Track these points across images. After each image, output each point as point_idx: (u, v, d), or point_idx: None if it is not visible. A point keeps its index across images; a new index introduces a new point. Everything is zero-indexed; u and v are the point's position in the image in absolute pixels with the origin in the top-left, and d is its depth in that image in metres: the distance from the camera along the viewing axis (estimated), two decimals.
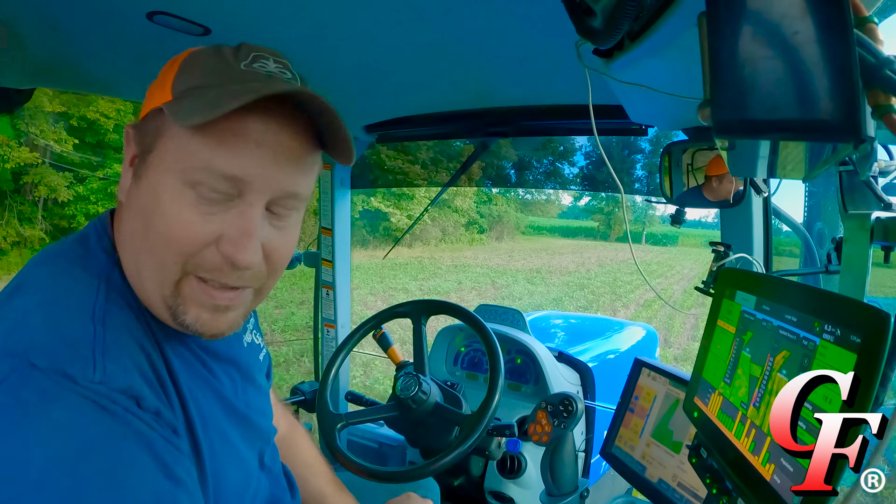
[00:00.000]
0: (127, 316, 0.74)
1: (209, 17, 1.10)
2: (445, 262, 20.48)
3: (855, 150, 0.51)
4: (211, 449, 0.80)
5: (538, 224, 47.92)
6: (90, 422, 0.62)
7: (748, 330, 0.82)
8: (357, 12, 1.09)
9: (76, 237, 0.80)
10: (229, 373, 0.91)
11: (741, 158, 0.78)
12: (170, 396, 0.75)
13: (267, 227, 0.76)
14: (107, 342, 0.68)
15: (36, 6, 1.07)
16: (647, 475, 1.32)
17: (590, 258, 27.00)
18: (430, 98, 1.71)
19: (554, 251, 30.36)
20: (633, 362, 1.48)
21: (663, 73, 0.83)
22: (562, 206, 56.28)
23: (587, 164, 24.64)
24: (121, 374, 0.67)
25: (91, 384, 0.64)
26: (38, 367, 0.63)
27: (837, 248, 1.05)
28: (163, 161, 0.73)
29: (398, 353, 1.79)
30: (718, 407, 0.86)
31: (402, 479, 1.43)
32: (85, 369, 0.65)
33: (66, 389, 0.63)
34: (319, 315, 2.38)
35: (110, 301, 0.73)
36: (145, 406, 0.68)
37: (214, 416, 0.83)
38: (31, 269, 0.77)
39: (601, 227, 47.72)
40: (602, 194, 50.77)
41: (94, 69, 1.43)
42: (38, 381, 0.62)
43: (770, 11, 0.49)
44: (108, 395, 0.65)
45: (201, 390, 0.82)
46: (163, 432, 0.69)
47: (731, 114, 0.51)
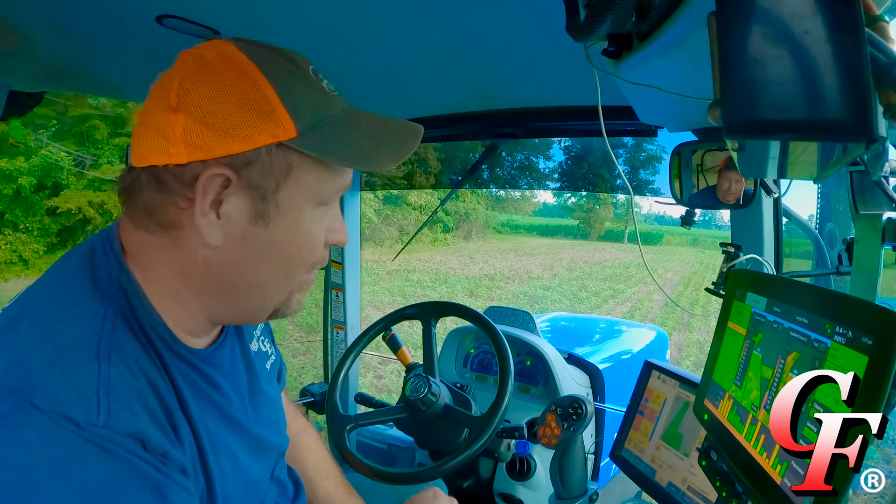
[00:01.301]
0: (134, 346, 0.71)
1: (218, 19, 1.11)
2: (390, 267, 17.19)
3: (866, 149, 0.50)
4: (221, 474, 0.79)
5: (514, 222, 45.89)
6: (94, 467, 0.61)
7: (759, 332, 0.81)
8: (365, 14, 1.09)
9: (80, 256, 0.76)
10: (236, 388, 0.89)
11: (751, 159, 0.78)
12: (179, 429, 0.72)
13: None
14: (111, 381, 0.65)
15: (46, 10, 1.07)
16: (656, 478, 1.32)
17: (562, 260, 25.23)
18: (439, 99, 1.71)
19: (524, 252, 28.20)
20: (642, 365, 1.47)
21: (672, 74, 0.83)
22: (537, 203, 53.48)
23: (565, 160, 22.42)
24: (126, 416, 0.64)
25: (95, 428, 0.62)
26: (40, 408, 0.60)
27: (848, 249, 1.04)
28: (298, 194, 0.74)
29: (408, 355, 1.79)
30: (729, 409, 0.85)
31: (411, 481, 1.43)
32: (89, 413, 0.62)
33: (70, 433, 0.60)
34: (329, 317, 2.38)
35: (117, 330, 0.70)
36: (152, 448, 0.66)
37: (224, 439, 0.82)
38: (33, 294, 0.74)
39: (581, 226, 45.56)
40: (583, 192, 47.74)
41: (104, 72, 1.44)
42: (39, 422, 0.60)
43: (780, 10, 0.48)
44: (113, 438, 0.62)
45: (210, 415, 0.80)
46: (170, 474, 0.67)
47: (742, 114, 0.50)
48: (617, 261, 26.15)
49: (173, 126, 0.68)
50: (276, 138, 0.70)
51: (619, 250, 32.83)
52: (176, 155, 0.68)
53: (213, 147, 0.68)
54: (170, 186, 0.70)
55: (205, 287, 0.77)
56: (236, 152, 0.69)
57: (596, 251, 31.32)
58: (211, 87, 0.69)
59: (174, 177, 0.70)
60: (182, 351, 0.77)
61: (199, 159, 0.68)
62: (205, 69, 0.70)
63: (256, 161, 0.70)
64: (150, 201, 0.72)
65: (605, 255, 28.82)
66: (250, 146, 0.69)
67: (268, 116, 0.69)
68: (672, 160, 1.37)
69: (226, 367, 0.87)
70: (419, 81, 1.53)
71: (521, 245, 32.80)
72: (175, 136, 0.68)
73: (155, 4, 1.04)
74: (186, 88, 0.68)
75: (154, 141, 0.69)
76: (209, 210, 0.71)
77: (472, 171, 2.26)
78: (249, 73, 0.70)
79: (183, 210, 0.71)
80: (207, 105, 0.68)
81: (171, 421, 0.71)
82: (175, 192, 0.70)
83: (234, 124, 0.68)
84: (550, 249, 31.03)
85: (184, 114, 0.68)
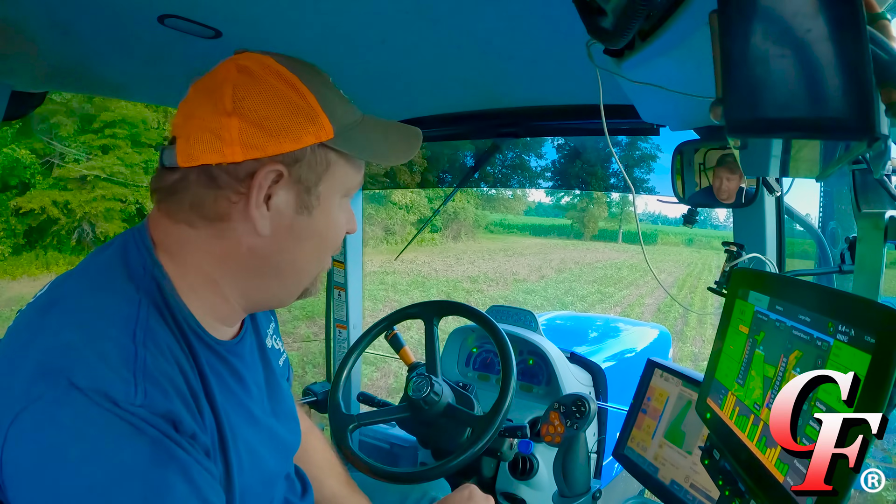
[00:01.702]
0: (167, 334, 0.75)
1: (220, 20, 1.11)
2: (368, 268, 14.67)
3: (868, 148, 0.50)
4: (240, 465, 0.81)
5: (507, 222, 45.29)
6: (127, 448, 0.64)
7: (761, 330, 0.81)
8: (368, 14, 1.09)
9: (114, 250, 0.81)
10: (258, 382, 0.93)
11: (754, 157, 0.78)
12: (204, 416, 0.76)
13: None
14: (147, 364, 0.69)
15: (48, 10, 1.08)
16: (659, 476, 1.32)
17: (552, 261, 24.62)
18: (442, 99, 1.71)
19: (515, 252, 27.48)
20: (645, 363, 1.47)
21: (675, 72, 0.83)
22: (530, 202, 52.76)
23: (558, 158, 20.88)
24: (160, 398, 0.68)
25: (132, 406, 0.65)
26: (79, 386, 0.63)
27: (851, 247, 1.04)
28: (332, 187, 0.84)
29: (410, 354, 1.78)
30: (731, 408, 0.85)
31: (414, 480, 1.43)
32: (127, 391, 0.65)
33: (107, 411, 0.63)
34: (331, 316, 2.38)
35: (151, 318, 0.74)
36: (182, 430, 0.70)
37: (243, 431, 0.84)
38: (67, 283, 0.77)
39: (575, 225, 45.02)
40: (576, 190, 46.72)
41: (105, 72, 1.44)
42: (75, 401, 0.63)
43: (782, 9, 0.48)
44: (149, 418, 0.66)
45: (232, 406, 0.83)
46: (197, 456, 0.70)
47: (744, 112, 0.50)
48: (609, 261, 25.78)
49: (229, 128, 0.75)
50: (318, 139, 0.80)
51: (612, 250, 32.40)
52: (231, 154, 0.75)
53: (266, 146, 0.76)
54: (222, 182, 0.77)
55: (245, 273, 0.84)
56: (287, 151, 0.78)
57: (587, 251, 30.88)
58: (263, 94, 0.77)
59: (228, 174, 0.77)
60: (210, 341, 0.82)
61: (255, 157, 0.76)
62: (255, 78, 0.77)
63: (303, 159, 0.79)
64: (198, 197, 0.78)
65: (598, 256, 28.36)
66: (299, 146, 0.78)
67: (312, 120, 0.79)
68: (674, 159, 1.37)
69: (247, 360, 0.92)
70: (421, 81, 1.53)
71: (511, 245, 32.44)
72: (231, 137, 0.75)
73: (157, 4, 1.04)
74: (241, 95, 0.76)
75: (208, 142, 0.75)
76: (262, 203, 0.78)
77: (474, 171, 2.26)
78: (292, 82, 0.78)
79: (234, 203, 0.78)
80: (261, 110, 0.76)
81: (198, 406, 0.75)
82: (228, 188, 0.77)
83: (284, 126, 0.77)
84: (542, 249, 30.62)
85: (238, 117, 0.75)
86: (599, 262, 25.76)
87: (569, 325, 3.47)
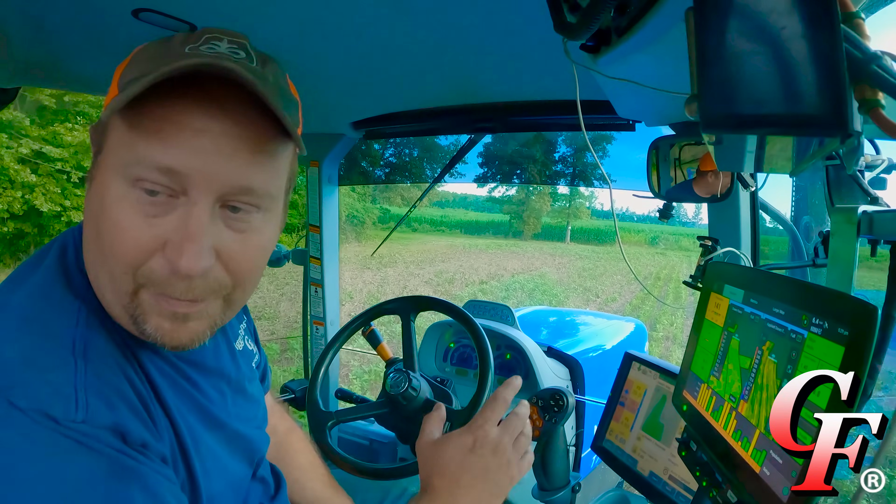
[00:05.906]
0: (107, 340, 0.71)
1: (195, 13, 1.09)
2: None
3: (842, 144, 0.51)
4: (205, 472, 0.78)
5: (432, 217, 39.82)
6: (73, 463, 0.60)
7: (736, 323, 0.82)
8: (344, 8, 1.08)
9: (55, 252, 0.75)
10: (217, 386, 0.88)
11: (728, 153, 0.79)
12: (157, 422, 0.72)
13: (222, 229, 0.69)
14: (88, 377, 0.65)
15: (20, 4, 1.06)
16: (638, 468, 1.33)
17: (478, 269, 19.22)
18: (418, 94, 1.70)
19: (425, 258, 21.18)
20: (623, 356, 1.48)
21: (651, 69, 0.83)
22: (444, 192, 44.91)
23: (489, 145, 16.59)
24: (105, 411, 0.64)
25: (74, 423, 0.61)
26: (19, 407, 0.60)
27: (824, 241, 1.05)
28: (107, 159, 0.68)
29: (387, 350, 1.78)
30: (707, 400, 0.86)
31: (394, 476, 1.43)
32: (67, 409, 0.62)
33: (49, 430, 0.60)
34: (308, 312, 2.37)
35: (90, 326, 0.69)
36: (131, 440, 0.66)
37: (204, 437, 0.81)
38: (5, 292, 0.72)
39: (514, 222, 39.86)
40: (507, 183, 40.41)
41: (79, 67, 1.42)
42: (17, 422, 0.59)
43: (757, 6, 0.49)
44: (92, 433, 0.62)
45: (189, 410, 0.79)
46: (152, 465, 0.67)
47: (718, 108, 0.51)
48: (545, 271, 20.68)
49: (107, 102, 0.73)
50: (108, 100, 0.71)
51: (557, 251, 28.33)
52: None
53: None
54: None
55: None
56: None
57: (525, 256, 25.39)
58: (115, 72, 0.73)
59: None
60: (155, 346, 0.74)
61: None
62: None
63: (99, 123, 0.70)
64: None
65: (535, 263, 23.07)
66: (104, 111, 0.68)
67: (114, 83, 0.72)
68: (650, 154, 1.38)
69: (208, 363, 0.87)
70: (398, 76, 1.53)
71: (423, 248, 25.71)
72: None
73: None
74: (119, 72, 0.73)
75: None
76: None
77: (451, 166, 2.25)
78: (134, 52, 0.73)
79: None
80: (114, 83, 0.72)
81: (149, 413, 0.71)
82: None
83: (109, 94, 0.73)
84: (458, 253, 24.74)
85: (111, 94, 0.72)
86: (537, 270, 21.11)
87: (546, 320, 3.48)
